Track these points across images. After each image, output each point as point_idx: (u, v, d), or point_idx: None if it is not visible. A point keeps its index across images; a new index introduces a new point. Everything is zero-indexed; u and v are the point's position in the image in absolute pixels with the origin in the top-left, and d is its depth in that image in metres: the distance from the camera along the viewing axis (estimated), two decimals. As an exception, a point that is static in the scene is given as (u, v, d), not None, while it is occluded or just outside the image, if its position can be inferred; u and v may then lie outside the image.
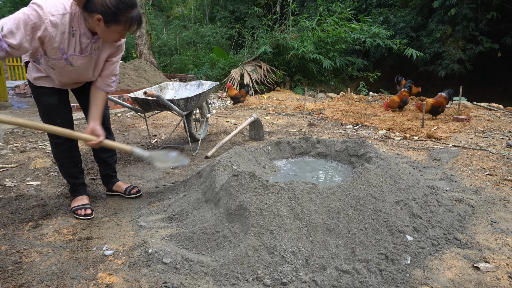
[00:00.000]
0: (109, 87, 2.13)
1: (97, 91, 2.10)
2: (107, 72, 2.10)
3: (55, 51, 1.83)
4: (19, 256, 1.74)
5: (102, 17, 1.74)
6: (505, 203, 2.36)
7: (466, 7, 9.89)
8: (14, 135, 4.66)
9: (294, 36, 10.08)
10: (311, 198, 1.84)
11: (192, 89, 4.19)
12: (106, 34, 1.83)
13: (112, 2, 1.72)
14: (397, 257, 1.64)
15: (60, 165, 2.25)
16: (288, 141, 2.92)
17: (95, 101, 2.09)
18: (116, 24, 1.79)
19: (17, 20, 1.65)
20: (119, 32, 1.84)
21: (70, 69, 1.94)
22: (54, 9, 1.73)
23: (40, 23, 1.70)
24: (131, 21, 1.81)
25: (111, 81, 2.13)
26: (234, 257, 1.60)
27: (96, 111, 2.06)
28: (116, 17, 1.76)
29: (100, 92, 2.11)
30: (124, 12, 1.76)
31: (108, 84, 2.12)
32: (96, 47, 1.97)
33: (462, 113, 6.14)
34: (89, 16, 1.78)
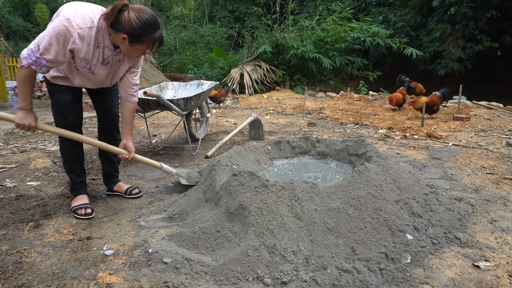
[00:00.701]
0: (132, 97, 2.22)
1: (124, 106, 2.23)
2: (128, 82, 2.19)
3: (81, 60, 1.93)
4: (19, 256, 1.74)
5: (127, 37, 1.85)
6: (505, 201, 2.36)
7: (466, 6, 9.90)
8: (14, 135, 4.66)
9: (294, 36, 10.08)
10: (311, 198, 1.84)
11: (192, 89, 4.19)
12: (129, 52, 1.95)
13: (138, 24, 1.84)
14: (397, 256, 1.64)
15: (65, 160, 2.28)
16: (288, 141, 2.92)
17: (124, 119, 2.24)
18: (139, 44, 1.90)
19: (49, 37, 1.77)
20: (141, 51, 1.96)
21: (91, 76, 2.06)
22: (82, 22, 1.82)
23: (69, 36, 1.79)
24: (154, 41, 1.93)
25: (133, 90, 2.22)
26: (234, 256, 1.60)
27: (127, 128, 2.24)
28: (140, 38, 1.88)
29: (127, 106, 2.22)
30: (148, 33, 1.88)
31: (131, 94, 2.21)
32: (117, 60, 2.07)
33: (462, 112, 6.15)
34: (114, 33, 1.89)
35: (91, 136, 4.11)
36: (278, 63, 10.10)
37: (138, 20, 1.84)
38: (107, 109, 2.35)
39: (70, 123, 2.15)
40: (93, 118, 6.06)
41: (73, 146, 2.25)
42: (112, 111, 2.37)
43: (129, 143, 2.22)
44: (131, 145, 2.22)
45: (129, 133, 2.25)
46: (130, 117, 2.24)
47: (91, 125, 5.45)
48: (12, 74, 13.93)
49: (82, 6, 1.89)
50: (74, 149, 2.26)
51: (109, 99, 2.35)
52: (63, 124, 2.13)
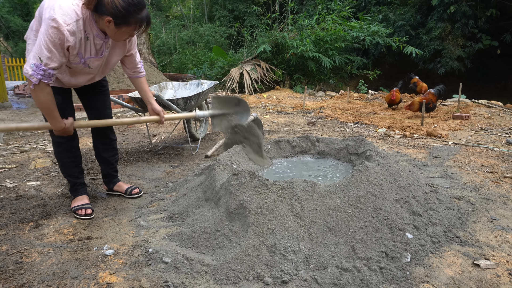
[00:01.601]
0: (139, 73, 2.32)
1: (137, 82, 2.33)
2: (132, 64, 2.27)
3: (74, 56, 1.89)
4: (19, 256, 1.74)
5: (112, 19, 1.79)
6: (505, 200, 2.37)
7: (465, 5, 9.89)
8: (14, 135, 4.66)
9: (293, 35, 10.07)
10: (311, 197, 1.84)
11: (192, 89, 4.19)
12: (116, 35, 1.89)
13: (122, 4, 1.77)
14: (397, 255, 1.64)
15: (61, 165, 2.26)
16: (287, 140, 2.92)
17: (140, 88, 2.34)
18: (126, 26, 1.84)
19: (45, 45, 1.73)
20: (128, 33, 1.90)
21: (87, 70, 2.03)
22: (67, 18, 1.76)
23: (62, 36, 1.76)
24: (141, 22, 1.87)
25: (139, 67, 2.30)
26: (234, 256, 1.60)
27: (147, 94, 2.34)
28: (126, 19, 1.81)
29: (139, 81, 2.34)
30: (133, 13, 1.81)
31: (137, 71, 2.31)
32: (108, 46, 2.03)
33: (461, 110, 6.14)
34: (99, 17, 1.83)
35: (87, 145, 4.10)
36: (278, 63, 10.10)
37: (122, 0, 1.77)
38: (99, 110, 2.31)
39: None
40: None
41: (68, 150, 2.21)
42: (104, 112, 2.33)
43: (154, 106, 2.32)
44: (156, 106, 2.33)
45: (150, 97, 2.34)
46: (146, 86, 2.35)
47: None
48: (12, 74, 13.92)
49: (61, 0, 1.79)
50: (70, 152, 2.23)
51: (101, 100, 2.31)
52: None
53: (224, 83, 9.83)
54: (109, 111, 2.36)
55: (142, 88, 2.35)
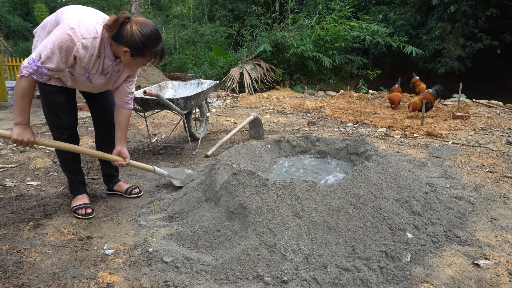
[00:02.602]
0: (127, 105, 2.23)
1: (118, 113, 2.22)
2: (124, 91, 2.20)
3: (80, 69, 1.92)
4: (20, 256, 1.74)
5: (129, 50, 1.87)
6: (505, 200, 2.37)
7: (465, 4, 9.89)
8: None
9: (293, 35, 10.07)
10: (311, 196, 1.84)
11: (192, 88, 4.19)
12: (131, 64, 1.98)
13: (140, 38, 1.85)
14: (397, 254, 1.65)
15: (62, 160, 2.26)
16: (288, 140, 2.92)
17: (119, 125, 2.23)
18: (141, 57, 1.93)
19: (51, 45, 1.76)
20: (142, 63, 1.99)
21: (87, 83, 2.05)
22: (86, 33, 1.82)
23: (72, 45, 1.79)
24: (156, 55, 1.96)
25: (128, 98, 2.23)
26: (234, 255, 1.60)
27: (122, 135, 2.25)
28: (142, 51, 1.90)
29: (122, 113, 2.22)
30: (150, 47, 1.90)
31: (126, 102, 2.22)
32: (117, 70, 2.08)
33: (461, 110, 6.14)
34: (116, 45, 1.90)
35: (87, 144, 4.10)
36: (278, 62, 10.10)
37: (140, 34, 1.85)
38: (105, 109, 2.33)
39: (66, 124, 2.13)
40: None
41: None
42: (109, 110, 2.35)
43: (123, 150, 2.24)
44: (125, 151, 2.25)
45: (124, 139, 2.27)
46: (125, 124, 2.25)
47: (91, 124, 5.45)
48: (12, 74, 13.93)
49: (85, 14, 1.87)
50: None
51: (106, 98, 2.33)
52: (58, 125, 2.10)
53: (224, 83, 9.84)
54: (112, 109, 2.37)
55: (122, 125, 2.22)
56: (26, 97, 1.85)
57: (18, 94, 1.84)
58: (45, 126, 5.29)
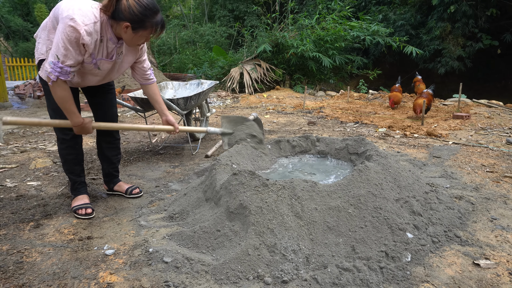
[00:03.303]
0: (150, 80, 2.34)
1: (147, 89, 2.34)
2: (141, 71, 2.28)
3: (88, 56, 1.93)
4: (20, 256, 1.74)
5: (130, 24, 1.87)
6: (505, 200, 2.37)
7: (466, 4, 9.88)
8: (14, 135, 4.66)
9: (294, 35, 10.07)
10: (311, 197, 1.84)
11: (192, 88, 4.19)
12: (134, 40, 1.96)
13: (139, 9, 1.86)
14: (397, 254, 1.64)
15: (64, 161, 2.27)
16: (288, 140, 2.92)
17: (154, 99, 2.35)
18: (143, 30, 1.92)
19: (62, 43, 1.79)
20: (145, 37, 1.97)
21: (96, 71, 2.06)
22: (86, 19, 1.83)
23: (78, 35, 1.80)
24: (156, 25, 1.95)
25: (148, 74, 2.31)
26: (234, 255, 1.60)
27: (160, 106, 2.34)
28: (142, 23, 1.89)
29: (150, 88, 2.34)
30: (149, 17, 1.90)
31: (147, 78, 2.32)
32: (120, 52, 2.09)
33: (462, 110, 6.14)
34: (116, 23, 1.91)
35: (87, 145, 4.10)
36: (278, 62, 10.09)
37: (138, 5, 1.85)
38: (106, 109, 2.34)
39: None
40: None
41: (72, 147, 2.24)
42: (111, 111, 2.37)
43: (169, 117, 2.33)
44: (171, 119, 2.33)
45: (165, 108, 2.35)
46: (157, 96, 2.35)
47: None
48: (12, 74, 13.92)
49: (80, 3, 1.88)
50: (73, 150, 2.25)
51: (107, 98, 2.35)
52: None
53: (224, 83, 9.83)
54: (115, 109, 2.41)
55: (154, 98, 2.35)
56: (67, 98, 1.90)
57: (60, 100, 1.90)
58: (45, 127, 5.29)
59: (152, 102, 2.36)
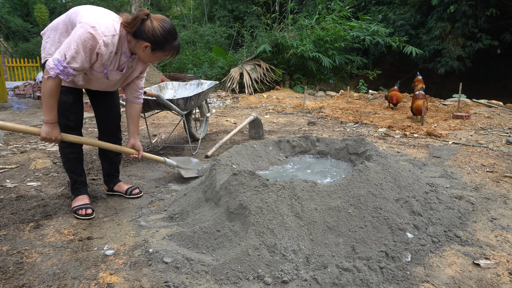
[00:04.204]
0: (138, 100, 2.34)
1: (130, 107, 2.33)
2: (135, 87, 2.30)
3: (100, 65, 1.96)
4: (20, 257, 1.74)
5: (150, 45, 1.95)
6: (505, 200, 2.37)
7: (465, 4, 9.89)
8: (14, 136, 4.66)
9: (293, 35, 10.07)
10: (311, 197, 1.84)
11: (192, 89, 4.19)
12: (149, 59, 2.05)
13: (162, 33, 1.94)
14: (397, 254, 1.64)
15: (65, 160, 2.27)
16: (288, 140, 2.92)
17: (131, 119, 2.34)
18: (161, 52, 2.01)
19: (75, 45, 1.81)
20: (160, 57, 2.06)
21: (104, 81, 2.09)
22: (106, 30, 1.87)
23: (95, 44, 1.83)
24: (174, 49, 2.05)
25: (138, 93, 2.33)
26: (234, 256, 1.60)
27: (134, 128, 2.35)
28: (162, 46, 1.98)
29: (133, 107, 2.33)
30: (170, 42, 1.99)
31: (137, 96, 2.33)
32: (131, 66, 2.13)
33: (461, 110, 6.14)
34: (136, 41, 1.96)
35: (92, 137, 4.11)
36: (278, 62, 10.10)
37: (162, 29, 1.93)
38: (110, 109, 2.36)
39: (72, 124, 2.15)
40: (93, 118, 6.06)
41: (74, 146, 2.24)
42: (114, 110, 2.38)
43: (137, 142, 2.34)
44: (139, 144, 2.35)
45: (136, 132, 2.36)
46: (136, 118, 2.35)
47: (91, 125, 5.45)
48: (12, 75, 13.92)
49: (102, 13, 1.92)
50: (75, 148, 2.26)
51: (112, 97, 2.36)
52: (65, 124, 2.12)
53: (224, 83, 9.84)
54: (118, 109, 2.42)
55: (132, 117, 2.33)
56: (54, 96, 1.90)
57: (46, 94, 1.88)
58: (45, 127, 5.29)
59: (128, 120, 2.34)
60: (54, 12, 23.46)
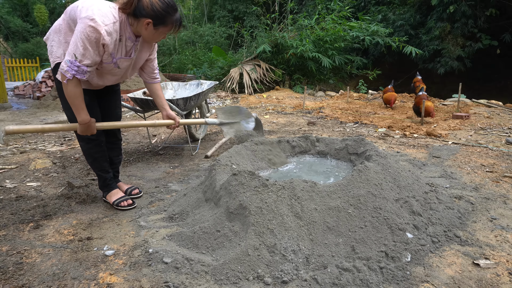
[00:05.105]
0: (155, 79, 2.41)
1: (151, 87, 2.42)
2: (150, 69, 2.35)
3: (108, 56, 1.96)
4: (20, 257, 1.74)
5: (151, 20, 1.93)
6: (505, 199, 2.37)
7: (465, 4, 9.89)
8: (13, 136, 4.66)
9: (293, 35, 10.07)
10: (311, 197, 1.84)
11: (191, 89, 4.19)
12: (153, 36, 2.03)
13: (162, 6, 1.93)
14: (397, 254, 1.65)
15: (92, 160, 2.30)
16: (287, 140, 2.92)
17: (156, 94, 2.42)
18: (163, 26, 1.99)
19: (81, 43, 1.81)
20: (164, 33, 2.05)
21: (116, 71, 2.09)
22: (106, 19, 1.86)
23: (98, 35, 1.83)
24: (176, 22, 2.03)
25: (155, 74, 2.39)
26: (234, 256, 1.60)
27: (161, 101, 2.42)
28: (164, 20, 1.97)
29: (154, 87, 2.42)
30: (171, 15, 1.98)
31: (153, 77, 2.40)
32: (136, 48, 2.12)
33: (461, 110, 6.15)
34: (136, 20, 1.95)
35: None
36: (278, 63, 10.10)
37: (160, 3, 1.92)
38: (111, 110, 2.36)
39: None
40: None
41: (99, 146, 2.27)
42: (115, 112, 2.39)
43: (169, 112, 2.42)
44: (172, 113, 2.43)
45: (165, 104, 2.43)
46: (160, 92, 2.43)
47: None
48: (12, 75, 13.92)
49: (98, 3, 1.90)
50: (100, 148, 2.29)
51: (113, 99, 2.37)
52: None
53: (224, 83, 9.84)
54: (119, 111, 2.43)
55: (157, 94, 2.42)
56: (78, 96, 1.93)
57: (71, 97, 1.92)
58: (45, 127, 5.29)
59: (154, 97, 2.43)
60: (54, 12, 23.45)
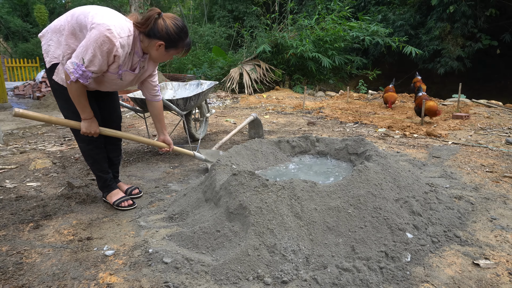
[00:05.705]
0: (157, 97, 2.37)
1: (152, 106, 2.38)
2: (150, 86, 2.32)
3: (116, 67, 1.96)
4: (19, 257, 1.74)
5: (164, 43, 1.97)
6: (505, 200, 2.37)
7: (465, 4, 9.90)
8: (13, 136, 4.66)
9: (293, 35, 10.07)
10: (311, 197, 1.84)
11: (191, 89, 4.19)
12: (163, 57, 2.08)
13: (176, 31, 1.97)
14: (397, 254, 1.65)
15: (93, 162, 2.30)
16: (287, 140, 2.92)
17: (156, 117, 2.40)
18: (174, 49, 2.05)
19: (92, 49, 1.80)
20: (173, 55, 2.10)
21: (117, 81, 2.08)
22: (122, 32, 1.87)
23: (112, 46, 1.83)
24: (186, 47, 2.10)
25: (155, 91, 2.36)
26: (234, 256, 1.60)
27: (160, 125, 2.42)
28: (176, 44, 2.02)
29: (154, 106, 2.38)
30: (183, 39, 2.03)
31: (154, 94, 2.36)
32: (143, 66, 2.14)
33: (461, 110, 6.15)
34: (148, 40, 1.97)
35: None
36: (278, 63, 10.10)
37: (175, 27, 1.96)
38: (111, 111, 2.35)
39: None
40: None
41: (99, 147, 2.27)
42: (115, 112, 2.38)
43: (166, 137, 2.42)
44: (168, 138, 2.43)
45: (164, 128, 2.43)
46: (160, 115, 2.40)
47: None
48: (12, 75, 13.92)
49: (114, 14, 1.91)
50: (100, 149, 2.29)
51: (112, 99, 2.37)
52: None
53: (224, 83, 9.84)
54: (119, 111, 2.43)
55: (157, 118, 2.39)
56: (81, 95, 1.94)
57: (75, 96, 1.93)
58: (45, 127, 5.29)
59: (154, 120, 2.40)
60: (54, 12, 23.46)
